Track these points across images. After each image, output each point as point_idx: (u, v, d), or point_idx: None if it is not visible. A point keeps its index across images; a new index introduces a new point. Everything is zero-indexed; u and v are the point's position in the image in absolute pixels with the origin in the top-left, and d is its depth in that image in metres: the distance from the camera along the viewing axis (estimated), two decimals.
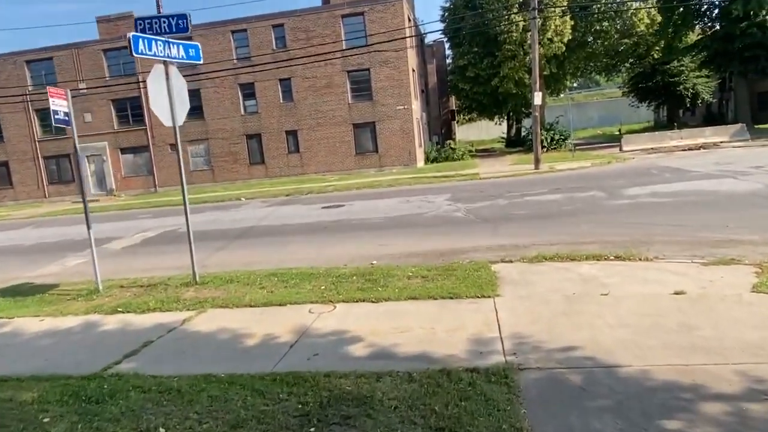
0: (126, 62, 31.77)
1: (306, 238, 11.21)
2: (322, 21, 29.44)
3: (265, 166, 31.33)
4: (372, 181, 23.07)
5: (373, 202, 16.15)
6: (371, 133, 30.13)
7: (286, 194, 21.73)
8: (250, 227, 13.43)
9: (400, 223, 11.82)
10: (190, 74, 30.37)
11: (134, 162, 32.98)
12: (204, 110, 31.31)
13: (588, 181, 15.96)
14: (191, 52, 7.31)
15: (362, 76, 29.72)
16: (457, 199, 14.64)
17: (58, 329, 6.13)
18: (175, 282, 7.87)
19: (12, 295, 8.13)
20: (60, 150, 33.13)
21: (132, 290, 7.71)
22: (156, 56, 6.72)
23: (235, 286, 7.29)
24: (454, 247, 9.01)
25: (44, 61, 32.34)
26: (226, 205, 20.31)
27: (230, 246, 11.26)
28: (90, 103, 32.25)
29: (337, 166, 30.46)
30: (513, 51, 31.37)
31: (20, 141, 33.24)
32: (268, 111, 30.72)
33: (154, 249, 11.91)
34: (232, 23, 30.42)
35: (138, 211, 21.64)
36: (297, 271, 7.78)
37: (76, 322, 6.32)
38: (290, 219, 14.20)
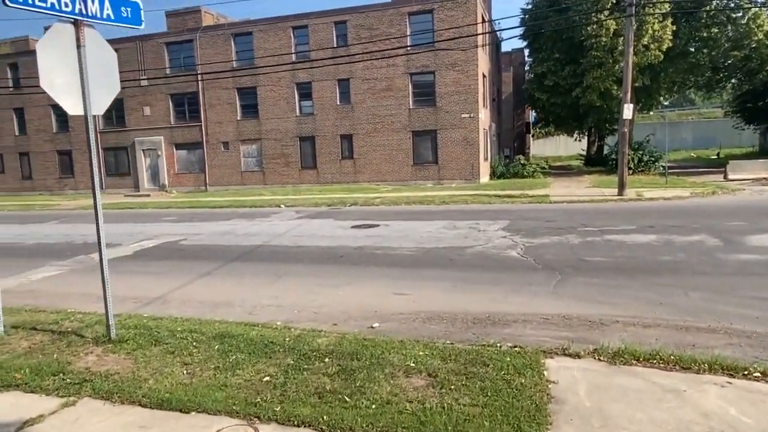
0: (186, 56, 31.12)
1: (310, 270, 8.79)
2: (387, 18, 27.22)
3: (317, 171, 29.47)
4: (424, 196, 20.42)
5: (413, 224, 13.51)
6: (431, 143, 27.47)
7: (328, 204, 19.56)
8: (257, 246, 11.21)
9: (434, 261, 9.12)
10: (248, 73, 29.27)
11: (187, 159, 32.23)
12: (259, 109, 29.97)
13: (690, 218, 12.50)
14: (124, 11, 5.08)
15: (426, 79, 27.17)
16: (515, 230, 11.71)
17: None
18: (90, 332, 5.66)
19: None
20: (119, 142, 33.02)
21: (35, 338, 5.58)
22: (54, 11, 4.52)
23: (154, 353, 4.97)
24: (495, 310, 6.25)
25: None
26: (257, 212, 18.39)
27: (219, 271, 9.05)
28: (150, 97, 31.89)
29: (391, 175, 28.05)
30: (600, 58, 27.65)
31: (83, 131, 33.36)
32: (323, 113, 28.87)
33: (139, 265, 9.95)
34: (293, 19, 28.87)
35: (171, 212, 20.24)
36: (255, 336, 5.35)
37: None
38: (309, 238, 11.87)
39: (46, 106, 32.94)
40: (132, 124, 32.53)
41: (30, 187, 34.93)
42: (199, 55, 30.42)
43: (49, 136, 34.03)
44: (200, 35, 30.37)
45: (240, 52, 30.17)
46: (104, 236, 5.26)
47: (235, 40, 30.06)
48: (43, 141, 34.22)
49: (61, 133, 33.92)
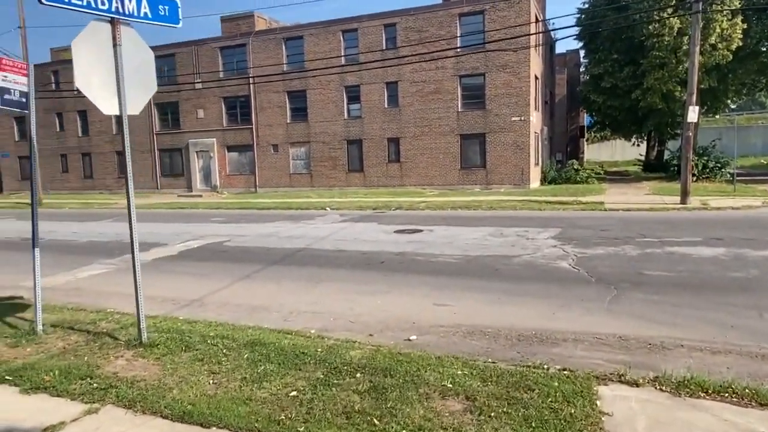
0: (239, 60, 31.78)
1: (350, 276, 8.55)
2: (437, 20, 26.83)
3: (364, 175, 29.39)
4: (471, 201, 19.89)
5: (458, 230, 13.07)
6: (480, 146, 26.83)
7: (373, 207, 19.36)
8: (298, 249, 11.09)
9: (478, 270, 8.69)
10: (298, 77, 29.58)
11: (238, 160, 32.88)
12: (308, 112, 30.21)
13: (764, 230, 11.47)
14: (161, 9, 4.99)
15: (475, 81, 26.56)
16: (566, 239, 11.08)
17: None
18: (123, 334, 5.61)
19: None
20: (174, 144, 34.11)
21: (71, 339, 5.59)
22: (90, 9, 4.46)
23: (183, 360, 4.83)
24: (543, 326, 5.79)
25: (167, 57, 33.42)
26: (302, 215, 18.41)
27: (259, 274, 8.96)
28: (203, 100, 32.76)
29: (438, 179, 27.59)
30: (662, 58, 26.23)
31: (141, 133, 34.76)
32: (371, 116, 28.77)
33: (182, 265, 10.02)
34: (344, 22, 28.94)
35: (220, 213, 20.59)
36: (287, 345, 5.13)
37: None
38: (351, 243, 11.66)
39: None
40: (186, 126, 33.53)
41: (91, 186, 36.64)
42: (251, 59, 31.00)
43: (109, 137, 35.58)
44: (253, 40, 30.96)
45: (291, 55, 30.53)
46: (137, 239, 5.18)
47: (286, 44, 30.46)
48: (104, 142, 35.82)
49: (120, 134, 35.34)
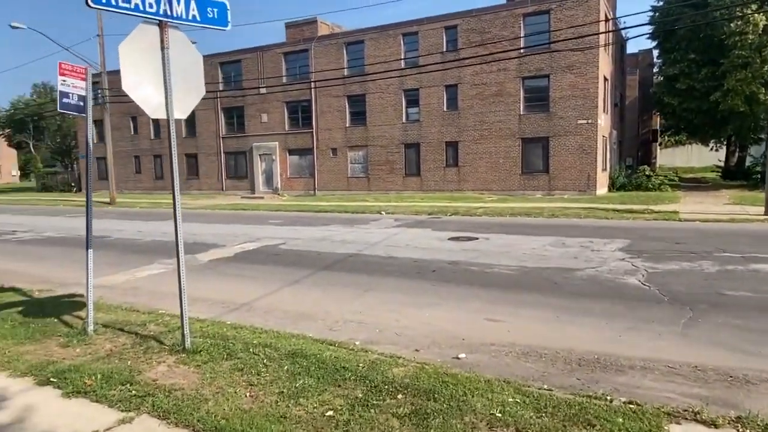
0: (302, 66, 32.35)
1: (399, 285, 8.26)
2: (500, 21, 26.14)
3: (420, 179, 29.06)
4: (532, 208, 19.12)
5: (516, 238, 12.49)
6: (542, 150, 25.84)
7: (429, 212, 19.01)
8: (349, 255, 10.94)
9: (535, 283, 8.17)
10: (358, 81, 29.71)
11: (299, 164, 33.45)
12: (366, 116, 30.28)
13: None
14: (210, 12, 4.93)
15: (539, 83, 25.63)
16: (636, 252, 10.29)
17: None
18: (169, 338, 5.60)
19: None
20: (239, 147, 35.18)
21: (118, 341, 5.64)
22: (138, 12, 4.45)
23: (223, 368, 4.72)
24: (607, 350, 5.27)
25: (234, 63, 34.62)
26: (357, 219, 18.33)
27: (308, 279, 8.86)
28: (267, 104, 33.58)
29: (498, 184, 26.82)
30: (745, 58, 24.30)
31: (208, 137, 36.15)
32: (429, 119, 28.42)
33: (236, 268, 10.10)
34: (404, 26, 28.79)
35: (279, 215, 20.90)
36: (328, 357, 4.92)
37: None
38: (402, 249, 11.38)
39: None
40: (251, 130, 34.48)
41: (161, 186, 38.41)
42: (313, 63, 31.47)
43: (179, 140, 37.12)
44: (315, 45, 31.42)
45: (351, 60, 30.73)
46: (183, 244, 5.14)
47: (347, 48, 30.69)
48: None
49: (189, 137, 36.91)
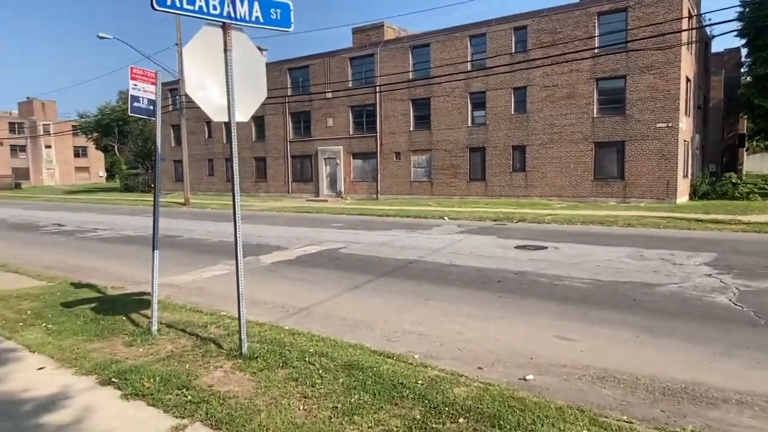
0: (367, 70, 32.54)
1: (462, 295, 7.91)
2: (572, 21, 25.06)
3: (485, 184, 28.37)
4: (605, 216, 18.08)
5: (588, 248, 11.75)
6: (617, 155, 24.47)
7: (494, 219, 18.43)
8: (410, 261, 10.68)
9: (610, 299, 7.56)
10: (423, 84, 29.47)
11: (362, 168, 33.62)
12: (431, 120, 29.98)
13: None
14: (273, 13, 4.85)
15: (615, 84, 24.31)
16: (725, 267, 9.37)
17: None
18: (228, 342, 5.56)
19: (71, 314, 6.91)
20: (305, 151, 35.87)
21: (179, 342, 5.68)
22: (202, 14, 4.43)
23: (278, 377, 4.60)
24: (696, 379, 4.71)
25: (302, 69, 35.37)
26: (419, 224, 18.05)
27: (368, 285, 8.69)
28: (333, 109, 34.03)
29: (567, 191, 25.68)
30: None
31: (276, 141, 37.13)
32: (496, 123, 27.70)
33: (297, 271, 10.11)
34: (472, 27, 28.27)
35: (341, 218, 21.01)
36: (386, 372, 4.68)
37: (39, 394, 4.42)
38: (466, 257, 10.98)
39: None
40: (316, 134, 35.08)
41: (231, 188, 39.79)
42: (378, 68, 31.57)
43: (248, 144, 38.46)
44: (381, 49, 31.51)
45: (416, 63, 30.56)
46: (241, 248, 5.07)
47: (412, 52, 30.55)
48: (244, 148, 38.76)
49: (258, 141, 38.10)
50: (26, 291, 8.32)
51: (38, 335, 5.97)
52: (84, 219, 23.27)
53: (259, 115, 37.06)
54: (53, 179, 78.77)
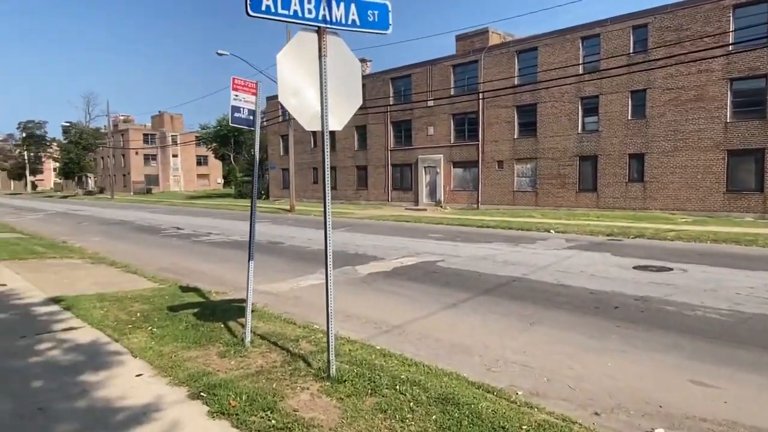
0: (470, 77, 31.86)
1: (573, 321, 7.09)
2: (701, 15, 22.59)
3: (597, 195, 26.39)
4: (742, 234, 15.88)
5: (724, 272, 10.22)
6: (756, 164, 21.57)
7: (607, 233, 16.94)
8: (513, 279, 9.92)
9: (758, 336, 6.35)
10: (529, 89, 28.20)
11: (463, 176, 32.89)
12: (537, 127, 28.57)
13: None
14: (371, 15, 4.56)
15: (753, 85, 21.50)
16: None
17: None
18: (317, 360, 5.32)
19: (175, 318, 7.07)
20: (405, 159, 35.88)
21: (270, 357, 5.55)
22: (297, 18, 4.23)
23: (365, 406, 4.24)
24: None
25: (404, 78, 35.48)
26: (522, 237, 17.05)
27: (466, 304, 8.13)
28: (434, 117, 33.71)
29: (693, 204, 23.08)
30: None
31: (377, 149, 37.54)
32: (610, 129, 25.70)
33: (392, 284, 9.80)
34: (583, 28, 26.57)
35: (440, 229, 20.54)
36: (484, 410, 4.15)
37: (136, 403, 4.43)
38: (576, 277, 10.00)
39: (351, 128, 38.17)
40: (417, 143, 34.95)
41: (334, 196, 40.86)
42: (482, 74, 30.78)
43: (351, 153, 39.30)
44: (485, 55, 30.69)
45: (522, 68, 29.36)
46: (332, 261, 4.80)
47: (518, 57, 29.40)
48: (347, 157, 39.69)
49: (360, 150, 38.79)
50: (140, 293, 8.78)
51: (142, 339, 6.15)
52: (200, 223, 24.95)
53: (361, 125, 37.78)
54: (178, 185, 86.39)
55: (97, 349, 5.74)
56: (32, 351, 5.62)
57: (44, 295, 8.43)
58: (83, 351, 5.67)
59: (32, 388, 4.62)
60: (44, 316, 7.16)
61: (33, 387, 4.64)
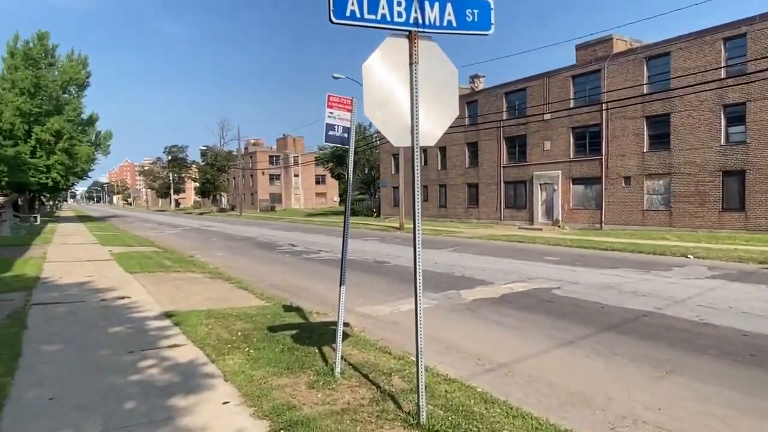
0: (592, 87, 29.77)
1: (722, 371, 5.81)
2: None
3: (745, 215, 23.00)
4: None
5: None
6: None
7: (761, 260, 14.51)
8: (643, 314, 8.59)
9: None
10: (661, 98, 25.54)
11: (583, 194, 30.62)
12: (671, 139, 25.76)
13: None
14: (469, 15, 4.03)
15: None
16: None
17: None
18: (408, 402, 4.78)
19: (273, 340, 6.91)
20: (519, 176, 34.36)
21: (359, 392, 5.12)
22: (385, 23, 3.83)
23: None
24: None
25: (518, 92, 34.14)
26: (654, 262, 15.13)
27: (585, 342, 7.11)
28: (551, 131, 31.95)
29: None
30: None
31: (489, 166, 36.39)
32: (761, 140, 22.36)
33: (499, 313, 8.99)
34: (726, 28, 23.57)
35: (556, 251, 19.07)
36: None
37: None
38: (723, 313, 8.41)
39: (462, 145, 37.46)
40: (532, 158, 33.31)
41: (444, 214, 40.34)
42: (605, 84, 28.60)
43: (461, 170, 38.54)
44: (609, 63, 28.52)
45: (652, 76, 26.78)
46: (421, 290, 4.27)
47: (647, 63, 26.88)
48: (457, 175, 38.97)
49: (471, 168, 37.89)
50: (245, 310, 8.90)
51: (238, 361, 6.06)
52: (313, 240, 25.73)
53: (472, 141, 36.97)
54: (299, 203, 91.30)
55: (192, 371, 5.71)
56: (135, 368, 5.74)
57: (160, 309, 8.85)
58: (180, 371, 5.68)
59: (124, 409, 4.61)
60: (154, 331, 7.43)
61: (125, 408, 4.64)
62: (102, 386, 5.17)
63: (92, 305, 9.19)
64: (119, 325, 7.68)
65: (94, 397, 4.89)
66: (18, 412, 4.55)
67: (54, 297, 9.92)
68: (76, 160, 45.92)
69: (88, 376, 5.46)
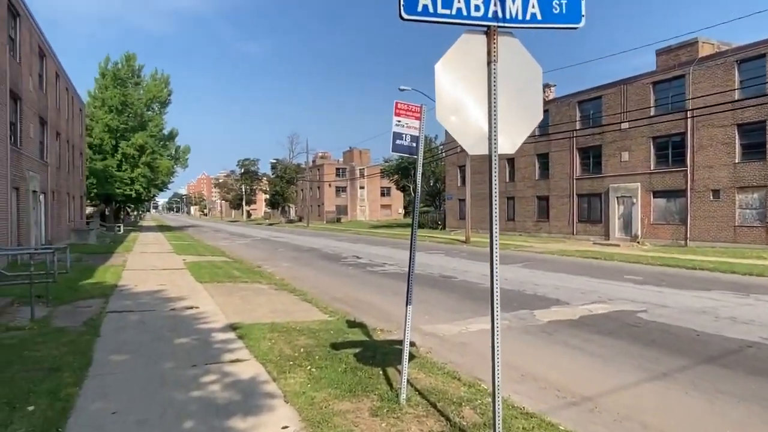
0: (675, 94, 27.84)
1: None
2: None
3: None
4: None
5: None
6: None
7: None
8: (748, 344, 7.54)
9: None
10: (756, 103, 23.40)
11: (666, 208, 28.56)
12: (767, 149, 23.50)
13: None
14: (555, 7, 3.58)
15: None
16: None
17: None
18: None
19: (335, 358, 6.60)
20: (593, 189, 32.66)
21: (426, 423, 4.69)
22: (461, 18, 3.45)
23: None
24: None
25: (593, 100, 32.56)
26: (754, 284, 13.62)
27: (682, 376, 6.29)
28: (629, 141, 30.16)
29: None
30: None
31: (561, 178, 34.87)
32: None
33: (579, 338, 8.25)
34: None
35: (637, 269, 17.73)
36: None
37: None
38: None
39: (531, 156, 36.19)
40: (608, 170, 31.57)
41: (511, 227, 39.02)
42: (690, 91, 26.65)
43: (531, 182, 37.19)
44: (694, 68, 26.57)
45: (745, 80, 24.63)
46: (499, 309, 3.80)
47: (739, 67, 24.77)
48: (526, 187, 37.64)
49: (541, 180, 36.49)
50: (308, 325, 8.70)
51: (299, 380, 5.80)
52: (377, 252, 25.53)
53: (543, 152, 35.65)
54: (364, 215, 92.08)
55: (253, 389, 5.51)
56: (197, 383, 5.62)
57: (225, 321, 8.84)
58: (241, 389, 5.49)
59: (181, 429, 4.45)
60: (219, 343, 7.36)
61: (182, 428, 4.47)
62: (164, 401, 5.07)
63: (162, 314, 9.34)
64: (185, 337, 7.69)
65: (155, 412, 4.77)
66: (81, 425, 4.50)
67: (127, 305, 10.20)
68: (157, 173, 48.70)
69: (152, 390, 5.38)
